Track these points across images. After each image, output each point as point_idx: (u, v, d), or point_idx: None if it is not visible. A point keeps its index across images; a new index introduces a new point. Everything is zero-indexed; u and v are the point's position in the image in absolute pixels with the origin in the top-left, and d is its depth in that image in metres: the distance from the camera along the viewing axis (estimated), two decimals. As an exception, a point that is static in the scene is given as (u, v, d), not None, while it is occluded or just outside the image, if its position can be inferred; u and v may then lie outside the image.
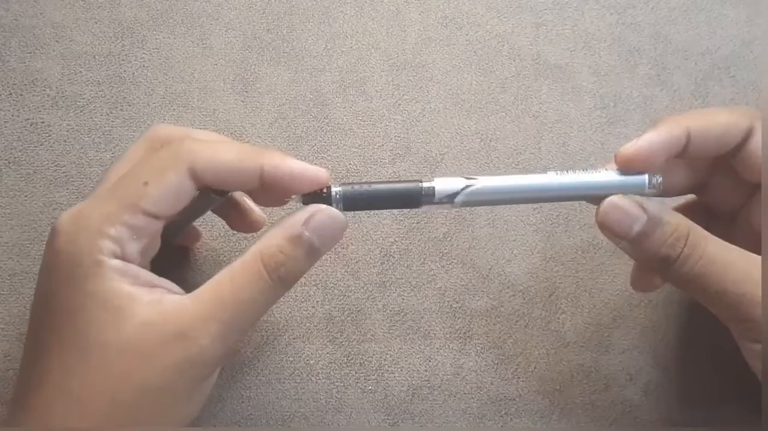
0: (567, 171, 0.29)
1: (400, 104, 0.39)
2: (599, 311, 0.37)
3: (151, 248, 0.28)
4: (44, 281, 0.27)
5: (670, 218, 0.28)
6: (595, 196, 0.29)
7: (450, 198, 0.29)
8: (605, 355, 0.37)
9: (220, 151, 0.27)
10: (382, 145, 0.39)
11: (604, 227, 0.29)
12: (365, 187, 0.28)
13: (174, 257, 0.36)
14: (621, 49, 0.41)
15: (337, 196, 0.28)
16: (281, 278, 0.27)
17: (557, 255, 0.38)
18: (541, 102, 0.40)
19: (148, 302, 0.25)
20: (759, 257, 0.28)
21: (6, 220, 0.36)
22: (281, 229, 0.27)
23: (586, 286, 0.38)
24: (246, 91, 0.39)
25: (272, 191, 0.28)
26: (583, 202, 0.31)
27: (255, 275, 0.26)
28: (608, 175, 0.29)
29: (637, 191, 0.29)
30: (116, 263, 0.25)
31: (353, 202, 0.28)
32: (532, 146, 0.39)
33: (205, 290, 0.26)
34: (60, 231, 0.26)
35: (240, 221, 0.33)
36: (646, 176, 0.29)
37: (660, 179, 0.29)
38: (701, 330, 0.37)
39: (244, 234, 0.37)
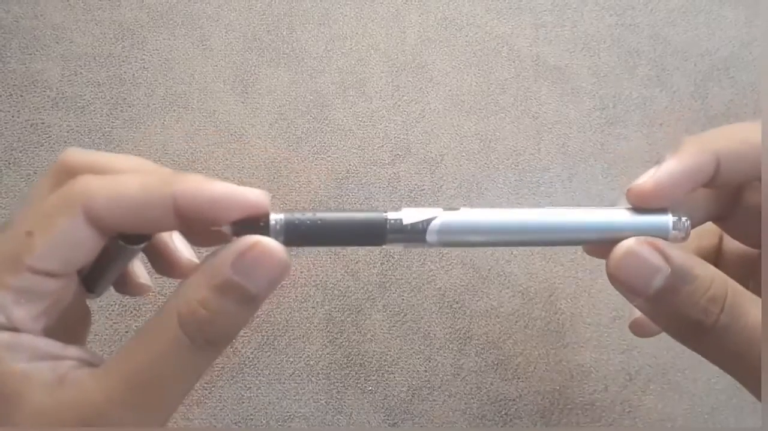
0: (570, 208, 0.24)
1: (399, 105, 0.40)
2: (599, 311, 0.37)
3: (56, 309, 0.22)
4: None
5: (702, 271, 0.22)
6: (603, 240, 0.23)
7: (421, 235, 0.23)
8: (605, 355, 0.37)
9: (121, 185, 0.21)
10: (382, 146, 0.39)
11: (618, 279, 0.22)
12: (315, 216, 0.22)
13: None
14: (620, 50, 0.41)
15: (278, 226, 0.22)
16: (208, 340, 0.21)
17: (557, 255, 0.38)
18: (541, 103, 0.40)
19: (44, 384, 0.21)
20: None
21: (6, 221, 0.36)
22: (203, 275, 0.21)
23: (586, 286, 0.38)
24: (246, 93, 0.39)
25: (198, 226, 0.22)
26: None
27: (172, 342, 0.21)
28: (620, 214, 0.23)
29: (657, 236, 0.23)
30: (2, 337, 0.21)
31: (298, 235, 0.22)
32: (532, 146, 0.39)
33: (114, 364, 0.21)
34: None
35: (164, 265, 0.26)
36: (669, 218, 0.23)
37: (688, 222, 0.23)
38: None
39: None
